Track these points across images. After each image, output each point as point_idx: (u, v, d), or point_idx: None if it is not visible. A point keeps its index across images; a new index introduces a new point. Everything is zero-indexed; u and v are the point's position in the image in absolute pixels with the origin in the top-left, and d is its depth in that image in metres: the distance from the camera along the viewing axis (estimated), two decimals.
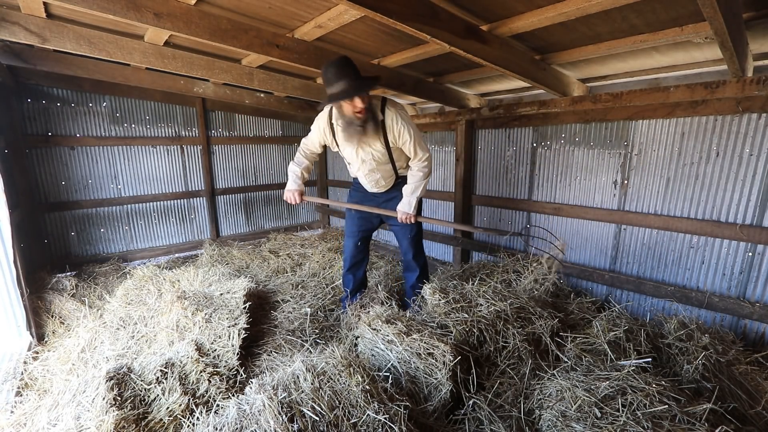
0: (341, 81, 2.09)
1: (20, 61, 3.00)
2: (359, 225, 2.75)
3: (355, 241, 2.77)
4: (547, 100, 3.03)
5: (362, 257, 2.84)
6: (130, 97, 4.21)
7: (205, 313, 2.34)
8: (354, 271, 2.85)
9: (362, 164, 2.48)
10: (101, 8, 2.02)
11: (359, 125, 2.22)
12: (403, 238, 2.71)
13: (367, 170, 2.50)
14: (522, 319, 2.24)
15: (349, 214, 2.80)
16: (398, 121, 2.30)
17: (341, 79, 2.09)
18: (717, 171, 2.43)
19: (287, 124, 5.63)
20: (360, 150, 2.41)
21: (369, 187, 2.65)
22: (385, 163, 2.48)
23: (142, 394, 1.76)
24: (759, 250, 2.33)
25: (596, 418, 1.52)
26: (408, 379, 1.84)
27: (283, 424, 1.36)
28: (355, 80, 2.11)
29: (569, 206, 3.18)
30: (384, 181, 2.58)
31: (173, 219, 4.75)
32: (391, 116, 2.30)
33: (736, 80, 2.13)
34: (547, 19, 2.01)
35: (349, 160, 2.57)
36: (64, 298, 3.04)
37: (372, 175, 2.53)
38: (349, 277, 2.87)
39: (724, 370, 1.90)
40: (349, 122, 2.24)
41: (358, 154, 2.44)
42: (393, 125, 2.31)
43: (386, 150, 2.41)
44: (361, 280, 2.89)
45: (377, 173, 2.52)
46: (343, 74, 2.09)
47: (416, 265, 2.76)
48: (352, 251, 2.79)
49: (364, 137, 2.30)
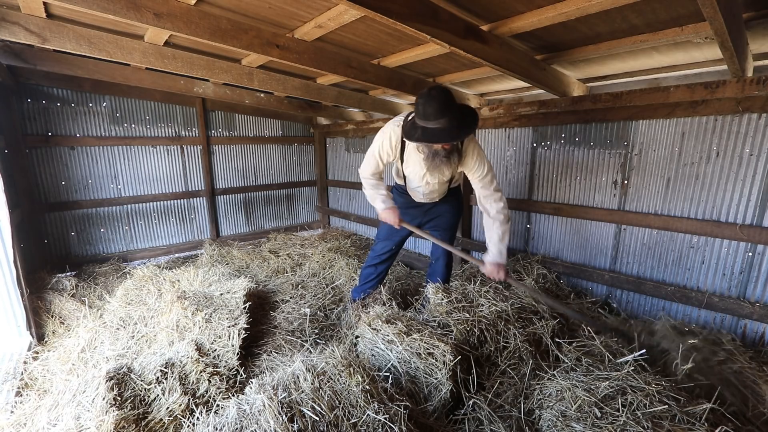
0: (443, 119, 1.91)
1: (20, 61, 3.00)
2: (400, 230, 2.63)
3: (390, 245, 2.73)
4: (547, 100, 3.03)
5: (389, 258, 2.81)
6: (130, 97, 4.21)
7: (205, 313, 2.34)
8: (377, 267, 2.80)
9: (426, 185, 2.42)
10: (101, 8, 2.02)
11: (444, 156, 2.12)
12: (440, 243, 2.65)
13: (429, 190, 2.47)
14: (523, 319, 2.24)
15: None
16: (476, 156, 2.22)
17: (444, 116, 1.90)
18: (717, 171, 2.43)
19: (287, 124, 5.63)
20: (429, 174, 2.33)
21: (419, 198, 2.58)
22: (446, 183, 2.47)
23: (142, 394, 1.76)
24: (759, 250, 2.33)
25: (596, 418, 1.52)
26: (408, 379, 1.84)
27: (283, 424, 1.36)
28: (456, 120, 1.94)
29: (569, 206, 3.18)
30: (437, 195, 2.55)
31: (173, 219, 4.75)
32: (470, 151, 2.21)
33: (736, 80, 2.13)
34: (547, 19, 2.01)
35: (410, 177, 2.46)
36: (64, 298, 3.04)
37: (431, 193, 2.51)
38: (369, 270, 2.81)
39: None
40: (435, 154, 2.12)
41: (425, 176, 2.35)
42: (470, 160, 2.23)
43: (452, 175, 2.39)
44: (380, 276, 2.84)
45: (435, 193, 2.51)
46: (447, 111, 1.90)
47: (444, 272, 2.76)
48: (383, 251, 2.75)
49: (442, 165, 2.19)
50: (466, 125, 1.99)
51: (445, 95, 1.93)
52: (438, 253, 2.75)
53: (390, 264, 2.86)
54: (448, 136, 1.94)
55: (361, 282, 2.86)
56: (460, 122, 1.96)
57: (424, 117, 1.95)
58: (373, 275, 2.81)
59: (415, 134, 2.01)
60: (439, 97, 1.92)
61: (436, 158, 2.13)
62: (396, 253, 2.82)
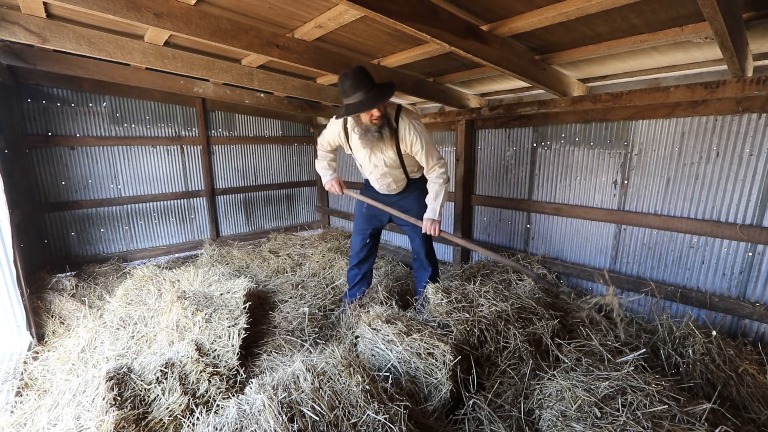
0: (358, 92, 2.11)
1: (20, 61, 3.00)
2: (369, 222, 2.78)
3: (363, 238, 2.80)
4: (547, 100, 3.03)
5: (369, 254, 2.86)
6: (130, 97, 4.21)
7: (205, 313, 2.34)
8: (360, 266, 2.87)
9: (374, 169, 2.52)
10: (101, 8, 2.02)
11: (376, 131, 2.26)
12: (414, 236, 2.73)
13: (379, 174, 2.55)
14: (523, 319, 2.24)
15: (359, 212, 2.82)
16: (411, 130, 2.33)
17: (358, 90, 2.11)
18: (717, 171, 2.43)
19: (287, 124, 5.62)
20: (373, 156, 2.45)
21: (380, 189, 2.68)
22: (396, 168, 2.52)
23: (142, 394, 1.76)
24: (759, 250, 2.33)
25: (596, 418, 1.52)
26: (408, 379, 1.84)
27: (283, 424, 1.36)
28: (372, 90, 2.13)
29: (569, 206, 3.18)
30: (395, 185, 2.62)
31: (173, 219, 4.75)
32: (405, 126, 2.33)
33: (736, 80, 2.14)
34: (547, 19, 2.01)
35: (361, 163, 2.61)
36: (64, 298, 3.04)
37: (383, 179, 2.57)
38: (354, 272, 2.89)
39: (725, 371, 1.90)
40: (366, 130, 2.28)
41: (371, 159, 2.47)
42: (406, 135, 2.34)
43: (398, 157, 2.45)
44: (365, 277, 2.90)
45: (389, 177, 2.56)
46: (360, 85, 2.11)
47: (429, 263, 2.79)
48: (359, 247, 2.82)
49: (379, 143, 2.33)
50: (380, 95, 2.14)
51: (357, 72, 2.13)
52: (418, 248, 2.79)
53: (371, 262, 2.91)
54: (364, 106, 2.12)
55: (350, 285, 2.90)
56: (376, 93, 2.13)
57: (344, 95, 2.18)
58: (358, 276, 2.86)
59: (341, 112, 2.25)
60: (351, 74, 2.12)
61: (368, 134, 2.27)
62: (373, 247, 2.87)
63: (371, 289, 2.87)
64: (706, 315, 2.55)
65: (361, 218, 2.81)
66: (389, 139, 2.33)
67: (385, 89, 2.18)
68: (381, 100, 2.14)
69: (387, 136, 2.29)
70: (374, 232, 2.83)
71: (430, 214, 2.47)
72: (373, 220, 2.78)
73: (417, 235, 2.70)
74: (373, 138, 2.28)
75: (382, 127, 2.26)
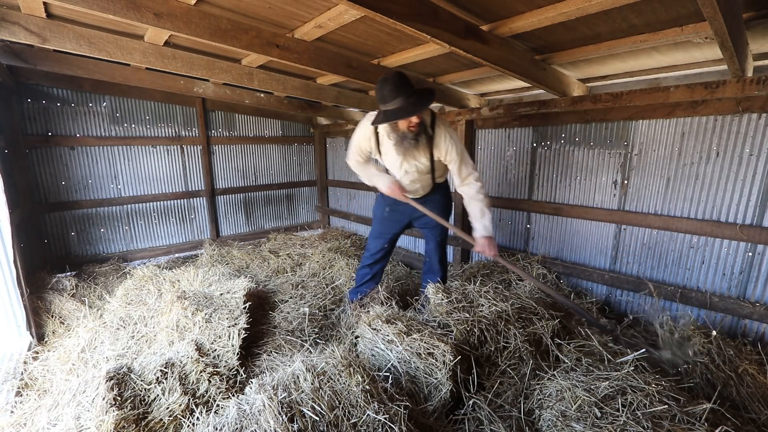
0: (398, 98, 2.06)
1: (20, 61, 3.00)
2: (391, 227, 2.71)
3: (383, 242, 2.75)
4: (547, 100, 3.03)
5: (384, 257, 2.82)
6: (130, 97, 4.21)
7: (205, 313, 2.34)
8: (372, 267, 2.82)
9: (405, 174, 2.46)
10: (101, 8, 2.02)
11: (412, 138, 2.20)
12: (431, 239, 2.72)
13: (409, 181, 2.49)
14: (523, 319, 2.24)
15: (381, 216, 2.74)
16: (446, 138, 2.28)
17: (398, 96, 2.06)
18: (717, 171, 2.43)
19: (287, 124, 5.63)
20: (405, 162, 2.39)
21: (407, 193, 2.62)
22: (426, 174, 2.48)
23: (142, 394, 1.76)
24: (759, 250, 2.33)
25: (596, 418, 1.52)
26: (408, 378, 1.84)
27: (283, 424, 1.36)
28: (412, 96, 2.07)
29: (569, 206, 3.18)
30: (422, 190, 2.57)
31: (173, 219, 4.75)
32: (441, 133, 2.28)
33: (736, 80, 2.13)
34: (547, 19, 2.01)
35: (389, 168, 2.53)
36: (64, 298, 3.04)
37: (412, 185, 2.52)
38: (365, 271, 2.83)
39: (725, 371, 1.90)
40: (402, 137, 2.21)
41: (402, 165, 2.41)
42: (441, 142, 2.29)
43: (430, 163, 2.41)
44: (375, 277, 2.85)
45: (417, 183, 2.52)
46: (400, 91, 2.06)
47: (440, 268, 2.77)
48: (376, 250, 2.77)
49: (413, 150, 2.28)
50: (421, 102, 2.09)
51: (396, 77, 2.08)
52: (431, 251, 2.77)
53: (385, 263, 2.87)
54: (404, 112, 2.06)
55: (358, 283, 2.87)
56: (416, 100, 2.08)
57: (382, 101, 2.12)
58: (368, 275, 2.82)
59: (378, 118, 2.18)
60: (391, 79, 2.08)
61: (405, 141, 2.21)
62: (390, 251, 2.83)
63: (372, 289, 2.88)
64: (706, 315, 2.55)
65: (382, 222, 2.74)
66: (424, 146, 2.28)
67: (426, 96, 2.13)
68: (422, 107, 2.09)
69: (423, 143, 2.25)
70: (394, 237, 2.77)
71: (482, 232, 2.38)
72: (395, 224, 2.71)
73: (434, 238, 2.68)
74: (409, 145, 2.22)
75: (419, 134, 2.21)
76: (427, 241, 2.78)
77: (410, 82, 2.11)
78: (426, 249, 2.82)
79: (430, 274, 2.81)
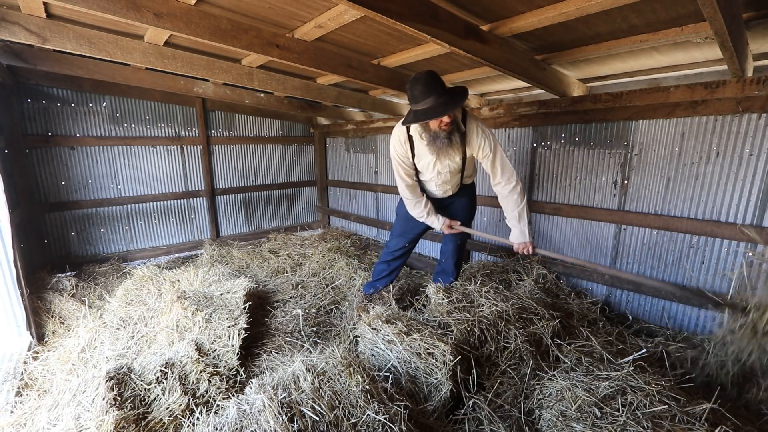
0: (429, 98, 2.03)
1: (20, 61, 3.00)
2: (415, 226, 2.66)
3: (404, 240, 2.74)
4: (547, 100, 3.03)
5: (404, 255, 2.81)
6: (130, 97, 4.21)
7: (205, 313, 2.34)
8: (390, 263, 2.82)
9: (437, 175, 2.42)
10: (101, 8, 2.02)
11: (445, 137, 2.16)
12: (450, 242, 2.71)
13: (441, 181, 2.45)
14: (523, 319, 2.24)
15: (406, 215, 2.67)
16: (479, 133, 2.24)
17: (429, 95, 2.03)
18: (717, 171, 2.43)
19: (287, 124, 5.63)
20: (438, 162, 2.34)
21: (436, 193, 2.58)
22: (457, 174, 2.45)
23: (142, 394, 1.76)
24: (759, 250, 2.33)
25: (596, 418, 1.52)
26: (408, 378, 1.84)
27: (283, 424, 1.36)
28: (443, 96, 2.04)
29: (569, 206, 3.18)
30: (452, 190, 2.55)
31: (173, 219, 4.75)
32: (473, 128, 2.25)
33: (736, 80, 2.13)
34: (547, 19, 2.01)
35: (422, 169, 2.46)
36: (64, 298, 3.04)
37: (444, 185, 2.49)
38: (382, 266, 2.84)
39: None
40: (435, 136, 2.18)
41: (435, 166, 2.36)
42: (473, 137, 2.26)
43: (462, 161, 2.37)
44: (391, 273, 2.85)
45: (448, 184, 2.49)
46: (432, 90, 2.03)
47: (455, 271, 2.78)
48: (397, 248, 2.76)
49: (448, 149, 2.23)
50: (454, 100, 2.06)
51: (428, 76, 2.05)
52: (449, 253, 2.76)
53: (403, 262, 2.86)
54: (436, 112, 2.03)
55: (374, 278, 2.88)
56: (448, 98, 2.05)
57: (413, 101, 2.10)
58: (385, 271, 2.83)
59: (409, 118, 2.16)
60: (422, 78, 2.05)
61: (437, 140, 2.18)
62: (410, 250, 2.82)
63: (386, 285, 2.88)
64: (706, 315, 2.55)
65: (406, 221, 2.68)
66: (458, 144, 2.23)
67: (458, 94, 2.08)
68: (454, 106, 2.04)
69: (456, 141, 2.20)
70: (416, 237, 2.76)
71: (519, 237, 2.36)
72: (419, 224, 2.64)
73: (454, 240, 2.68)
74: (442, 145, 2.18)
75: (452, 133, 2.16)
76: (446, 243, 2.77)
77: (441, 80, 2.07)
78: (443, 250, 2.81)
79: (443, 275, 2.81)
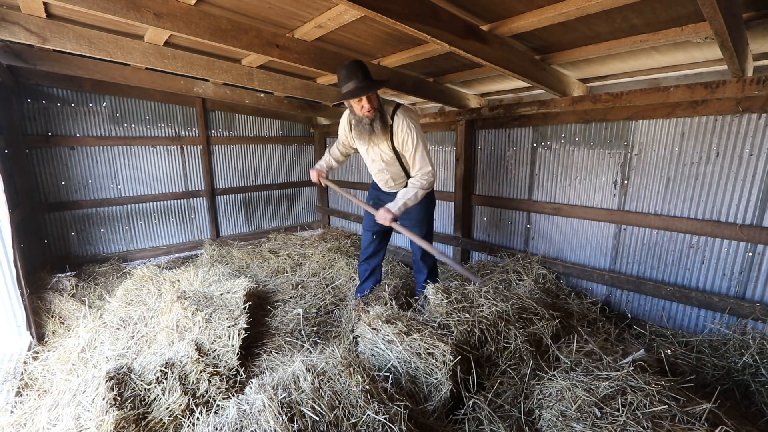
0: (350, 81, 2.24)
1: (20, 61, 3.00)
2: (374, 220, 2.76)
3: (369, 234, 2.87)
4: (547, 100, 3.03)
5: (376, 251, 2.91)
6: (130, 97, 4.21)
7: (205, 313, 2.34)
8: (368, 262, 2.93)
9: (372, 163, 2.62)
10: (101, 8, 2.03)
11: (368, 123, 2.37)
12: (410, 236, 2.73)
13: (377, 170, 2.63)
14: (523, 319, 2.24)
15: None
16: (404, 127, 2.38)
17: (351, 79, 2.24)
18: (717, 171, 2.43)
19: (287, 124, 5.62)
20: (370, 149, 2.54)
21: (381, 185, 2.76)
22: (393, 165, 2.56)
23: (142, 394, 1.76)
24: (759, 250, 2.33)
25: (596, 418, 1.52)
26: (408, 379, 1.84)
27: (283, 424, 1.36)
28: (363, 81, 2.24)
29: (569, 206, 3.18)
30: (393, 182, 2.67)
31: (173, 219, 4.75)
32: (399, 122, 2.39)
33: (736, 80, 2.13)
34: (547, 19, 2.01)
35: (363, 156, 2.69)
36: (64, 298, 3.04)
37: (381, 174, 2.64)
38: (363, 267, 2.96)
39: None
40: (359, 120, 2.40)
41: (369, 153, 2.57)
42: (398, 131, 2.40)
43: (394, 153, 2.50)
44: (374, 272, 2.95)
45: (386, 174, 2.62)
46: (353, 76, 2.24)
47: (424, 265, 2.82)
48: (366, 244, 2.91)
49: (373, 136, 2.41)
50: (370, 86, 2.25)
51: (353, 63, 2.27)
52: (415, 250, 2.81)
53: (379, 259, 2.95)
54: (351, 93, 2.24)
55: (360, 280, 2.96)
56: (367, 84, 2.25)
57: (340, 83, 2.32)
58: (367, 271, 2.93)
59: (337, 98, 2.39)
60: (347, 65, 2.27)
61: (360, 125, 2.40)
62: (380, 246, 2.91)
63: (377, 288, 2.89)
64: (706, 315, 2.55)
65: (369, 215, 2.83)
66: (382, 133, 2.39)
67: (375, 83, 2.30)
68: (369, 90, 2.24)
69: (379, 129, 2.37)
70: (380, 230, 2.84)
71: (391, 206, 2.46)
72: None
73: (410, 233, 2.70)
74: (364, 130, 2.39)
75: (374, 121, 2.35)
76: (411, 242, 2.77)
77: (366, 69, 2.28)
78: (411, 246, 2.85)
79: (418, 274, 2.88)
